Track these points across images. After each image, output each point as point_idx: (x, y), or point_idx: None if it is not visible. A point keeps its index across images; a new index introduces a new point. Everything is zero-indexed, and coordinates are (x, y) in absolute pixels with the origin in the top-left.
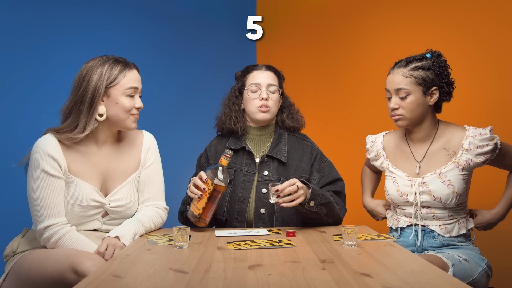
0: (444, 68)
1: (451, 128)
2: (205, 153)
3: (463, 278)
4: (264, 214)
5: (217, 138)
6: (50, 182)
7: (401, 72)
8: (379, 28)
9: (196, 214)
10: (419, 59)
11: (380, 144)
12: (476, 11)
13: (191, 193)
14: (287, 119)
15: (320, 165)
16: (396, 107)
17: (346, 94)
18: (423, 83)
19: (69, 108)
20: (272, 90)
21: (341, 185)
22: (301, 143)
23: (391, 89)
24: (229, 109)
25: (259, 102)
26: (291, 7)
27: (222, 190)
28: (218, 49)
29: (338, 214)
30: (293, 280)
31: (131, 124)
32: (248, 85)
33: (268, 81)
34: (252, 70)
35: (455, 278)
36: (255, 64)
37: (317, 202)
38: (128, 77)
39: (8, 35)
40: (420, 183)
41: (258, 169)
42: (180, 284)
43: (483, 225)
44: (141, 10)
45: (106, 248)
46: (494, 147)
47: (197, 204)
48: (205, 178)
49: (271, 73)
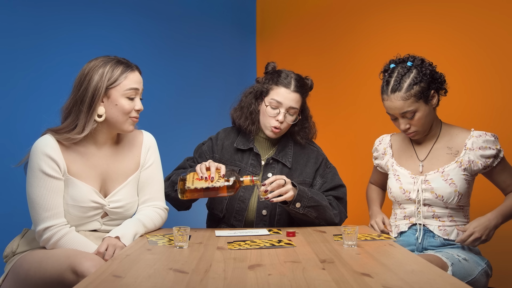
0: (433, 72)
1: (455, 129)
2: (209, 142)
3: (462, 278)
4: (265, 215)
5: (225, 132)
6: (49, 183)
7: (398, 97)
8: (379, 28)
9: (186, 185)
10: (406, 73)
11: (388, 142)
12: (476, 11)
13: (199, 170)
14: (297, 134)
15: (324, 171)
16: (407, 127)
17: (346, 94)
18: (423, 96)
19: (69, 107)
20: (292, 113)
21: (342, 191)
22: (307, 148)
23: (396, 114)
24: (247, 109)
25: (274, 122)
26: (291, 7)
27: (222, 194)
28: (218, 49)
29: (331, 219)
30: (293, 280)
31: (128, 127)
32: (270, 97)
33: (291, 104)
34: (281, 84)
35: (455, 278)
36: (287, 73)
37: (304, 204)
38: (129, 79)
39: (8, 35)
40: (422, 181)
41: (263, 171)
42: (180, 284)
43: (472, 228)
44: (141, 10)
45: (106, 248)
46: (497, 153)
47: (195, 179)
48: (222, 174)
49: (297, 95)
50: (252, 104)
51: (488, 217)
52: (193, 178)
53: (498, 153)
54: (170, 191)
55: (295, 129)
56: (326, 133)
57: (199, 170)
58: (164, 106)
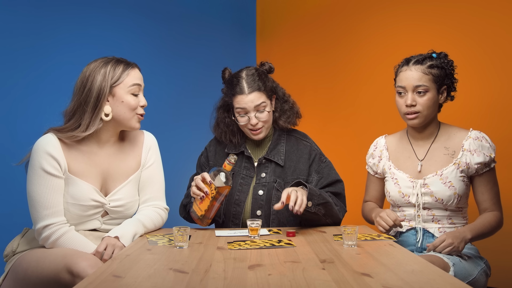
0: (453, 68)
1: (453, 128)
2: (205, 152)
3: (463, 278)
4: (260, 216)
5: (217, 138)
6: (50, 182)
7: (419, 69)
8: (379, 28)
9: (199, 215)
10: (430, 58)
11: (383, 145)
12: (476, 11)
13: (194, 194)
14: (279, 119)
15: (319, 166)
16: (414, 104)
17: (346, 94)
18: (439, 81)
19: (73, 110)
20: (261, 109)
21: (340, 187)
22: (300, 143)
23: (409, 86)
24: (222, 124)
25: (249, 126)
26: (291, 7)
27: (225, 192)
28: (218, 49)
29: (337, 215)
30: (293, 280)
31: (135, 124)
32: (235, 108)
33: (254, 104)
34: (236, 93)
35: (455, 278)
36: (237, 77)
37: (314, 202)
38: (131, 76)
39: (8, 35)
40: (422, 185)
41: (256, 171)
42: (180, 284)
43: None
44: (141, 10)
45: (105, 248)
46: (488, 162)
47: (199, 204)
48: (209, 181)
49: (255, 93)
50: (225, 117)
51: (461, 229)
52: (198, 205)
53: (489, 162)
54: (186, 214)
55: (276, 115)
56: (326, 133)
57: (193, 195)
58: (164, 106)
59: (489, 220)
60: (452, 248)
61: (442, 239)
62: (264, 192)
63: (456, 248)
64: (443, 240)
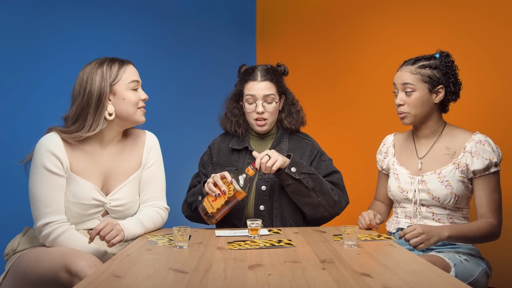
0: (451, 68)
1: (458, 130)
2: (208, 150)
3: (464, 278)
4: (263, 211)
5: (221, 136)
6: (52, 180)
7: (408, 69)
8: (379, 28)
9: (209, 212)
10: (428, 58)
11: (391, 142)
12: (476, 11)
13: (209, 190)
14: (284, 119)
15: (318, 163)
16: (401, 103)
17: (346, 94)
18: (429, 81)
19: (76, 114)
20: (269, 100)
21: (337, 177)
22: (302, 142)
23: (398, 84)
24: (230, 113)
25: (256, 115)
26: (291, 7)
27: (240, 197)
28: (218, 49)
29: (330, 193)
30: (293, 280)
31: (140, 117)
32: (245, 95)
33: (263, 92)
34: (248, 80)
35: (455, 278)
36: (253, 68)
37: (299, 169)
38: (128, 72)
39: (8, 35)
40: (419, 181)
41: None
42: (180, 284)
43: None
44: (141, 10)
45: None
46: (488, 166)
47: (212, 202)
48: (230, 180)
49: (267, 83)
50: (234, 108)
51: (440, 226)
52: (210, 202)
53: (489, 166)
54: (190, 212)
55: (282, 116)
56: (326, 133)
57: (209, 190)
58: (164, 106)
59: (478, 226)
60: (421, 239)
61: (413, 228)
62: (267, 187)
63: (426, 240)
64: (414, 228)
